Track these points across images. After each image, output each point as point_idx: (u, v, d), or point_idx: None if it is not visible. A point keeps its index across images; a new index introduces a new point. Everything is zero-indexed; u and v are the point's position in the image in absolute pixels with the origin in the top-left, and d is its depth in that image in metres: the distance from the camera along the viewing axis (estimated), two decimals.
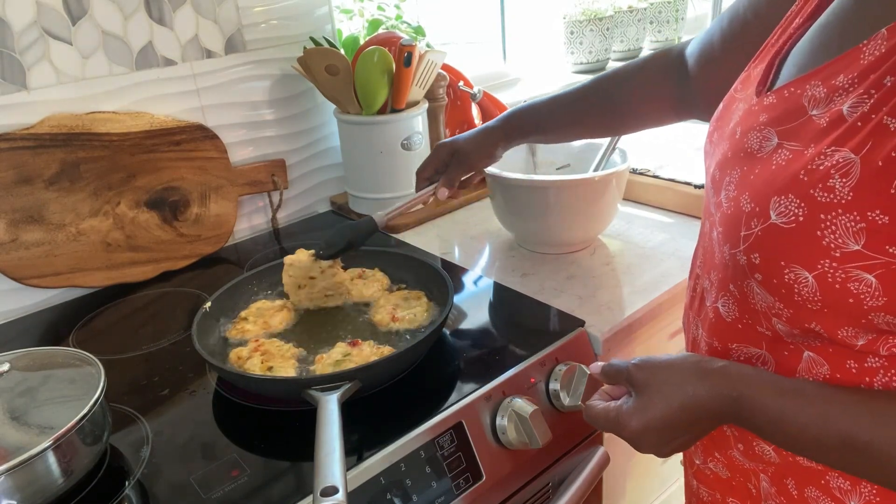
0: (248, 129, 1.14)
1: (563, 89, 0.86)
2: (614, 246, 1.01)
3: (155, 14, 0.99)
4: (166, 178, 1.03)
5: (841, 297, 0.42)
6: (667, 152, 1.27)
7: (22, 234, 0.92)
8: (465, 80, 1.27)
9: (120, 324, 0.92)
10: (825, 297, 0.43)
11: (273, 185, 1.15)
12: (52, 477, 0.57)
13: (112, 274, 1.00)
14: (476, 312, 0.86)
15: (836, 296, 0.42)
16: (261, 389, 0.71)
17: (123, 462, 0.65)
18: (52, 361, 0.66)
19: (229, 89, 1.10)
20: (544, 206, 0.93)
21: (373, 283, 0.87)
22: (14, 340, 0.89)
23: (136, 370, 0.80)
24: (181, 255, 1.06)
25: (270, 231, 1.19)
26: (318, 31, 1.17)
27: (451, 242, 1.08)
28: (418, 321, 0.79)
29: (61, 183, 0.94)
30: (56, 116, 0.93)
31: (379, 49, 1.05)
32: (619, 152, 1.01)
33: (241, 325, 0.81)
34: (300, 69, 1.10)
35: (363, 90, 1.07)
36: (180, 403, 0.73)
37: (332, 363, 0.72)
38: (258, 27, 1.10)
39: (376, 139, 1.10)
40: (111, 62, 0.97)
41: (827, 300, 0.43)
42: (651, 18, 1.94)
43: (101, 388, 0.61)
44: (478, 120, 1.31)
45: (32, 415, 0.59)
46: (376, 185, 1.15)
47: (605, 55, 1.77)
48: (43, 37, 0.91)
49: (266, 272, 0.90)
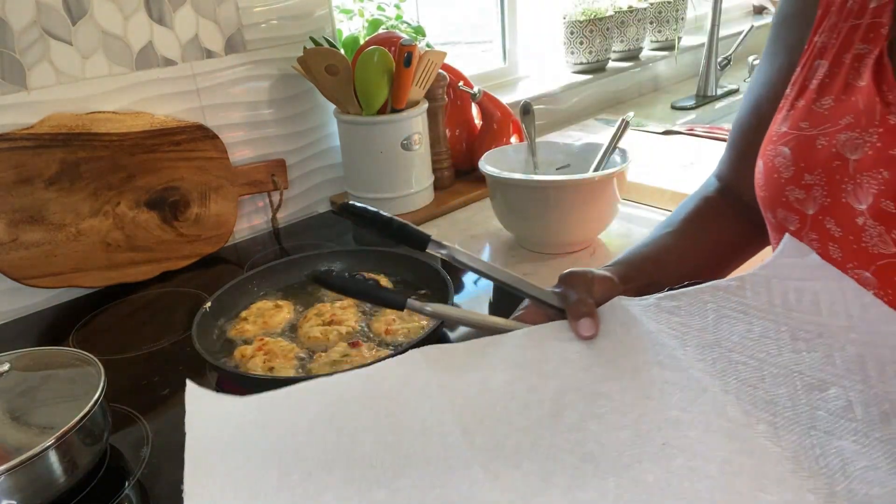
0: (248, 129, 1.14)
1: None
2: (614, 246, 1.01)
3: (155, 14, 0.99)
4: (166, 178, 1.03)
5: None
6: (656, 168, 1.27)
7: (22, 234, 0.92)
8: (465, 80, 1.27)
9: (120, 324, 0.92)
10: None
11: (273, 185, 1.15)
12: (52, 477, 0.57)
13: (112, 274, 1.00)
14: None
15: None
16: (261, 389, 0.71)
17: (123, 462, 0.65)
18: (52, 361, 0.66)
19: (229, 89, 1.10)
20: (544, 206, 0.93)
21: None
22: (14, 340, 0.89)
23: (136, 370, 0.80)
24: (181, 255, 1.06)
25: (270, 231, 1.19)
26: (318, 32, 1.17)
27: (451, 242, 1.07)
28: (410, 336, 0.77)
29: (61, 183, 0.94)
30: (56, 116, 0.93)
31: (379, 49, 1.05)
32: (619, 152, 1.01)
33: (240, 325, 0.81)
34: (300, 69, 1.10)
35: (363, 90, 1.07)
36: (180, 403, 0.72)
37: (330, 363, 0.72)
38: (258, 27, 1.10)
39: (376, 139, 1.11)
40: (111, 62, 0.97)
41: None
42: (651, 18, 1.94)
43: (101, 388, 0.61)
44: (478, 120, 1.31)
45: (32, 415, 0.59)
46: (376, 185, 1.15)
47: (605, 55, 1.77)
48: (43, 37, 0.91)
49: (266, 272, 0.90)
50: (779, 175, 0.56)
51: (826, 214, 0.53)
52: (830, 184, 0.52)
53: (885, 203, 0.48)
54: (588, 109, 1.75)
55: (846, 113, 0.52)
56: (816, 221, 0.54)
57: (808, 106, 0.55)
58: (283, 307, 0.84)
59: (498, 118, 1.26)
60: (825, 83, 0.55)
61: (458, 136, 1.31)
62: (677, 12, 1.95)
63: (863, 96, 0.51)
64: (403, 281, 0.89)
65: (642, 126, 1.56)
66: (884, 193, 0.49)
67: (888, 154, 0.48)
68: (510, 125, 1.27)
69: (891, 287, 0.49)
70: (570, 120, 1.69)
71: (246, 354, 0.74)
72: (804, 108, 0.55)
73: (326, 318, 0.80)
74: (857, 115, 0.51)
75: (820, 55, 0.56)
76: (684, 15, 2.00)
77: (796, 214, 0.56)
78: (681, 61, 1.97)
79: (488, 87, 1.36)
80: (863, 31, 0.53)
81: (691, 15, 2.10)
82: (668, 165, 1.25)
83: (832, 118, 0.53)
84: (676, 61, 1.95)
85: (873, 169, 0.49)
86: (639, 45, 1.90)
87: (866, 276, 0.51)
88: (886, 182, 0.48)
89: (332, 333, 0.77)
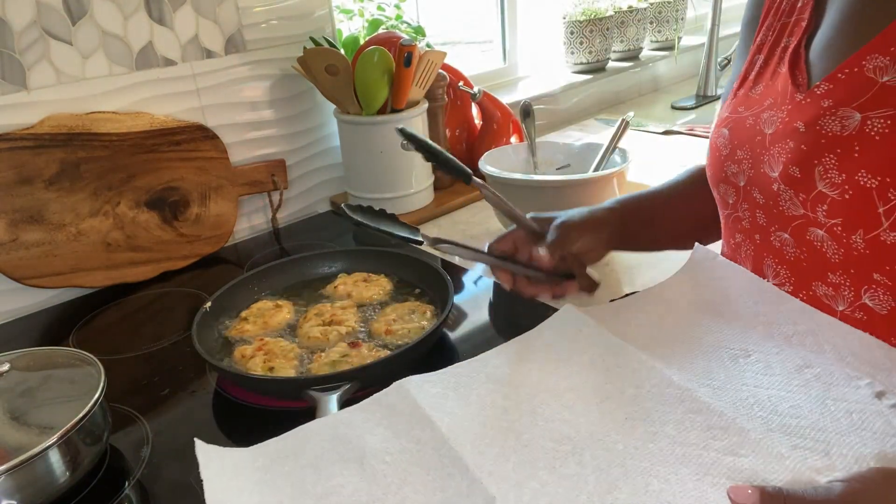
0: (248, 129, 1.14)
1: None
2: None
3: (155, 14, 0.99)
4: (166, 178, 1.03)
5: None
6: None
7: (22, 234, 0.92)
8: (465, 80, 1.27)
9: (120, 324, 0.92)
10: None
11: (273, 185, 1.15)
12: (52, 477, 0.57)
13: (112, 274, 1.00)
14: (476, 312, 0.86)
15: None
16: (261, 389, 0.71)
17: (123, 462, 0.65)
18: (52, 361, 0.66)
19: (229, 89, 1.10)
20: (544, 206, 0.93)
21: (375, 287, 0.87)
22: (14, 340, 0.89)
23: (136, 370, 0.80)
24: (181, 255, 1.06)
25: (270, 231, 1.19)
26: (318, 32, 1.17)
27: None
28: (411, 336, 0.76)
29: (61, 183, 0.94)
30: (56, 116, 0.93)
31: (379, 49, 1.05)
32: (619, 152, 1.01)
33: (241, 325, 0.81)
34: (300, 69, 1.10)
35: (363, 90, 1.07)
36: (180, 403, 0.73)
37: (330, 363, 0.72)
38: (258, 27, 1.10)
39: (376, 139, 1.11)
40: (111, 62, 0.97)
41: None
42: (651, 18, 1.94)
43: (101, 388, 0.61)
44: (478, 120, 1.31)
45: (32, 415, 0.59)
46: (376, 185, 1.15)
47: (605, 55, 1.77)
48: (43, 37, 0.91)
49: (266, 272, 0.90)
50: (719, 153, 0.63)
51: (752, 185, 0.60)
52: (753, 157, 0.59)
53: (793, 169, 0.54)
54: (588, 109, 1.75)
55: (769, 96, 0.59)
56: (746, 192, 0.61)
57: (745, 93, 0.63)
58: (283, 307, 0.84)
59: (498, 118, 1.26)
60: (760, 73, 0.62)
61: (458, 136, 1.31)
62: (677, 12, 1.95)
63: (781, 80, 0.58)
64: (403, 280, 0.89)
65: (642, 126, 1.56)
66: (790, 161, 0.55)
67: (793, 126, 0.55)
68: (510, 125, 1.27)
69: (805, 245, 0.55)
70: (570, 120, 1.69)
71: (246, 354, 0.74)
72: (743, 95, 0.63)
73: (326, 319, 0.80)
74: (776, 97, 0.58)
75: (759, 50, 0.63)
76: (684, 15, 2.00)
77: (733, 188, 0.63)
78: (681, 61, 1.97)
79: (488, 87, 1.36)
80: (790, 28, 0.60)
81: (691, 15, 2.10)
82: (668, 165, 1.25)
83: (760, 101, 0.60)
84: (676, 61, 1.95)
85: (782, 140, 0.56)
86: (639, 45, 1.90)
87: (785, 237, 0.57)
88: (792, 151, 0.54)
89: (332, 333, 0.77)
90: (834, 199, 0.51)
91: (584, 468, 0.49)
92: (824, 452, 0.47)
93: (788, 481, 0.45)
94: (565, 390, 0.58)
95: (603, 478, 0.48)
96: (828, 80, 0.52)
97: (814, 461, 0.47)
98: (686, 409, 0.53)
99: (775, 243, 0.59)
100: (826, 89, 0.52)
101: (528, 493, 0.48)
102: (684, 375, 0.57)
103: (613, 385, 0.57)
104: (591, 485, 0.48)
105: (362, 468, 0.52)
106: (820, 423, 0.50)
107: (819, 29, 0.57)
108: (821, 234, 0.53)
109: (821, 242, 0.54)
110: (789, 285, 0.59)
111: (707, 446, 0.49)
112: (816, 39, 0.56)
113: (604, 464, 0.49)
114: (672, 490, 0.46)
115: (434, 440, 0.54)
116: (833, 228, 0.52)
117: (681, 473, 0.48)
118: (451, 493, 0.49)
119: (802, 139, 0.53)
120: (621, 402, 0.55)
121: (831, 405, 0.51)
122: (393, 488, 0.50)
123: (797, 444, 0.48)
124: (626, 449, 0.50)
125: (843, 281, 0.53)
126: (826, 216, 0.52)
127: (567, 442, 0.52)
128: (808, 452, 0.47)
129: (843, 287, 0.53)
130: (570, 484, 0.48)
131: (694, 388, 0.55)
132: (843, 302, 0.54)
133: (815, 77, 0.55)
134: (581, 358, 0.62)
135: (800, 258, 0.56)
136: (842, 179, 0.50)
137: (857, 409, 0.50)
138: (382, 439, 0.55)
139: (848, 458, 0.46)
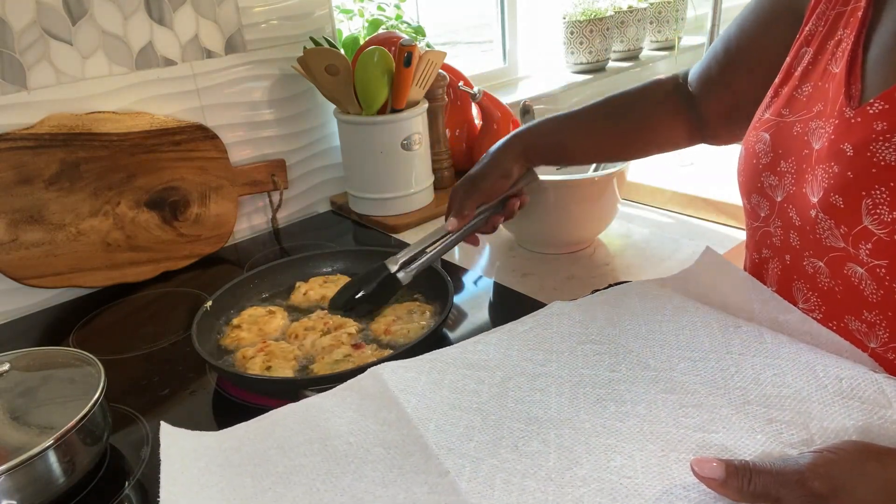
0: (248, 129, 1.14)
1: (568, 108, 0.84)
2: (614, 246, 1.01)
3: (155, 14, 0.99)
4: (166, 178, 1.03)
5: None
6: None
7: (22, 234, 0.92)
8: (465, 80, 1.27)
9: (120, 324, 0.92)
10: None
11: (273, 185, 1.15)
12: (52, 477, 0.57)
13: (112, 274, 1.00)
14: (476, 312, 0.86)
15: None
16: (260, 389, 0.71)
17: (123, 462, 0.65)
18: (52, 361, 0.66)
19: (229, 89, 1.10)
20: (544, 206, 0.93)
21: None
22: (14, 340, 0.89)
23: (136, 370, 0.80)
24: (181, 255, 1.06)
25: (270, 231, 1.19)
26: (318, 32, 1.17)
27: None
28: (410, 337, 0.76)
29: (61, 183, 0.94)
30: (56, 116, 0.93)
31: (379, 49, 1.05)
32: None
33: (234, 333, 0.79)
34: (300, 69, 1.10)
35: (363, 90, 1.07)
36: (180, 403, 0.73)
37: (332, 363, 0.72)
38: (258, 27, 1.10)
39: (376, 139, 1.11)
40: (111, 62, 0.97)
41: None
42: (651, 18, 1.94)
43: (101, 388, 0.61)
44: (478, 120, 1.31)
45: (32, 415, 0.59)
46: (376, 185, 1.15)
47: (605, 55, 1.77)
48: (43, 37, 0.91)
49: (266, 272, 0.90)
50: (757, 161, 0.57)
51: (790, 203, 0.54)
52: (798, 172, 0.53)
53: (835, 198, 0.48)
54: None
55: (819, 100, 0.52)
56: (782, 209, 0.55)
57: (790, 93, 0.56)
58: (276, 313, 0.83)
59: (498, 118, 1.26)
60: (808, 70, 0.55)
61: (458, 136, 1.31)
62: (677, 12, 1.95)
63: (834, 84, 0.51)
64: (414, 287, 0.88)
65: None
66: (833, 188, 0.48)
67: (839, 148, 0.48)
68: (510, 125, 1.27)
69: (841, 278, 0.50)
70: None
71: (247, 355, 0.74)
72: (787, 94, 0.56)
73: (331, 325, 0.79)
74: (826, 103, 0.51)
75: (807, 43, 0.56)
76: (684, 15, 2.00)
77: (768, 201, 0.57)
78: (681, 61, 1.97)
79: (488, 87, 1.36)
80: (846, 18, 0.53)
81: (691, 15, 2.10)
82: (668, 165, 1.25)
83: (808, 105, 0.53)
84: (676, 61, 1.95)
85: (826, 162, 0.49)
86: (639, 45, 1.90)
87: (820, 265, 0.52)
88: (835, 176, 0.48)
89: (343, 336, 0.76)
90: (881, 238, 0.45)
91: (548, 446, 0.49)
92: (803, 425, 0.45)
93: (758, 455, 0.44)
94: (540, 375, 0.58)
95: (565, 455, 0.48)
96: (884, 98, 0.45)
97: (790, 435, 0.45)
98: (660, 390, 0.52)
99: (808, 269, 0.53)
100: (881, 109, 0.45)
101: (485, 469, 0.47)
102: (663, 353, 0.56)
103: (590, 370, 0.57)
104: (551, 461, 0.47)
105: (325, 448, 0.52)
106: (804, 391, 0.48)
107: (881, 24, 0.49)
108: (860, 272, 0.47)
109: (859, 280, 0.48)
110: (819, 313, 0.53)
111: (677, 423, 0.48)
112: (878, 40, 0.48)
113: (567, 442, 0.49)
114: (634, 465, 0.45)
115: (399, 420, 0.53)
116: (876, 270, 0.46)
117: (647, 450, 0.47)
118: (407, 468, 0.49)
119: (849, 165, 0.46)
120: (595, 385, 0.55)
121: (820, 371, 0.49)
122: (352, 467, 0.50)
123: (774, 417, 0.47)
124: (594, 427, 0.50)
125: (879, 321, 0.48)
126: (869, 255, 0.46)
127: (535, 422, 0.52)
128: (785, 426, 0.46)
129: (879, 327, 0.48)
130: (530, 461, 0.48)
131: (672, 365, 0.54)
132: (877, 340, 0.49)
133: (869, 90, 0.47)
134: (561, 345, 0.61)
135: (834, 290, 0.51)
136: (892, 218, 0.44)
137: (848, 376, 0.47)
138: (349, 421, 0.55)
139: (829, 431, 0.44)
